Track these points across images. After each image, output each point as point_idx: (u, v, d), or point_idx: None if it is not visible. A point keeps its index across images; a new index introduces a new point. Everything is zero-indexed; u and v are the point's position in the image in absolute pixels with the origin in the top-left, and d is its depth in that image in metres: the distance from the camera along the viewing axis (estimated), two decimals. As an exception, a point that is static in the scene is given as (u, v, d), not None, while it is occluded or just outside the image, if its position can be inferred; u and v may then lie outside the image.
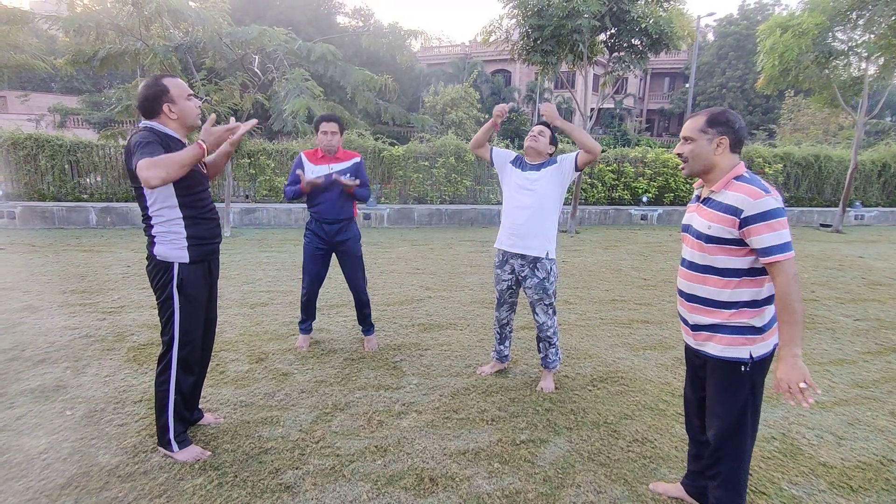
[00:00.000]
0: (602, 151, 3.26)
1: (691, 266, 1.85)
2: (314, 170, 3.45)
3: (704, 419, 1.93)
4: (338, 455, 2.40)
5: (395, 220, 10.54)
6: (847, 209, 11.98)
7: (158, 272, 2.25)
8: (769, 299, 1.74)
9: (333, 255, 3.61)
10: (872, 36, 9.96)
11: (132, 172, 2.06)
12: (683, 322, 1.94)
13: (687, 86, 28.41)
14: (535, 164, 3.07)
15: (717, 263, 1.76)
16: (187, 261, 2.26)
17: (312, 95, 8.01)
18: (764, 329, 1.75)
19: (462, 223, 10.85)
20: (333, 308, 4.64)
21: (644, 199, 12.05)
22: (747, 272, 1.73)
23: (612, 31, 9.36)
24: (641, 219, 11.81)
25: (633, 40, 9.33)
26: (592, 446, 2.54)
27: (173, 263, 2.24)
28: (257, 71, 8.60)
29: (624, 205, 12.14)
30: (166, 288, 2.24)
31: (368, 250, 6.49)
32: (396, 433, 2.61)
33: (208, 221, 2.34)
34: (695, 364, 1.96)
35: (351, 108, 12.56)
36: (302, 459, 2.35)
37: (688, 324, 1.90)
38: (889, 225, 13.24)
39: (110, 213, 9.13)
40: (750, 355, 1.74)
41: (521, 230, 3.01)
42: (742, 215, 1.66)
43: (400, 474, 2.28)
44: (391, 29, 9.70)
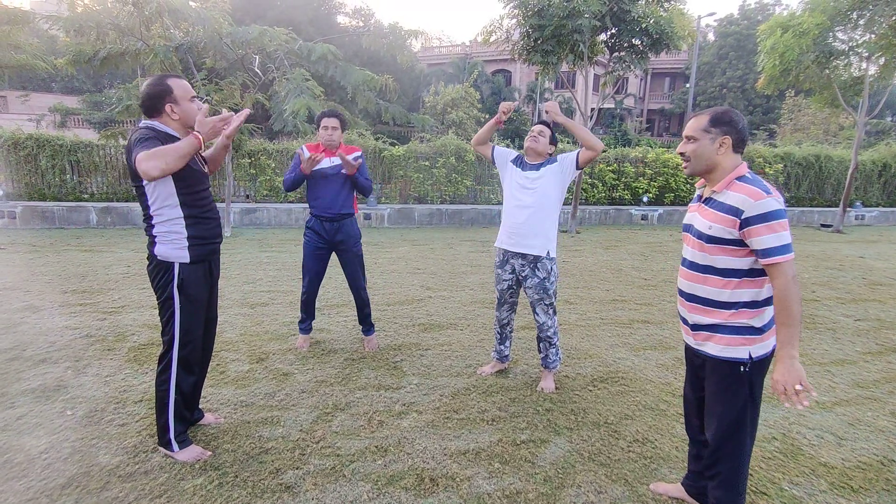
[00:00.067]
0: (603, 151, 3.26)
1: (692, 266, 1.85)
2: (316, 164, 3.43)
3: (704, 419, 1.93)
4: (338, 455, 2.40)
5: (396, 220, 10.54)
6: (847, 209, 11.98)
7: (159, 272, 2.25)
8: (769, 300, 1.74)
9: (333, 254, 3.61)
10: (873, 36, 9.96)
11: (133, 170, 2.06)
12: (683, 322, 1.94)
13: (687, 86, 28.40)
14: (535, 163, 3.07)
15: (718, 264, 1.76)
16: (188, 261, 2.26)
17: (313, 95, 8.02)
18: (763, 329, 1.75)
19: (462, 223, 10.85)
20: (334, 308, 4.64)
21: (644, 199, 12.05)
22: (748, 273, 1.73)
23: (613, 30, 9.36)
24: (642, 219, 11.82)
25: (633, 40, 9.33)
26: (593, 446, 2.54)
27: (174, 263, 2.24)
28: (258, 71, 8.60)
29: (624, 205, 12.14)
30: (167, 288, 2.25)
31: (369, 250, 6.49)
32: (397, 433, 2.61)
33: (209, 221, 2.34)
34: (695, 364, 1.96)
35: (351, 108, 12.56)
36: (302, 459, 2.36)
37: (687, 323, 1.90)
38: (889, 225, 13.23)
39: (111, 213, 9.14)
40: (749, 355, 1.74)
41: (522, 229, 3.01)
42: (743, 216, 1.66)
43: (400, 474, 2.28)
44: (392, 29, 9.71)
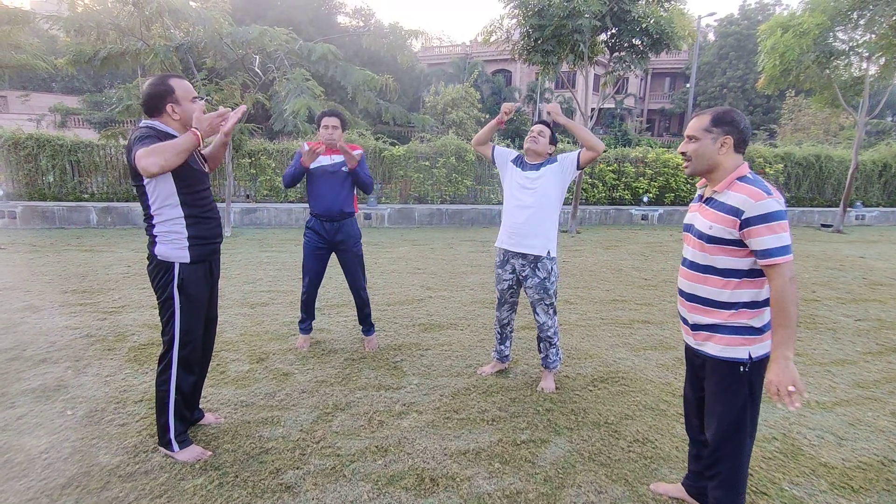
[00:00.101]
0: (604, 151, 3.26)
1: (692, 266, 1.85)
2: (316, 161, 3.43)
3: (704, 419, 1.93)
4: (338, 455, 2.40)
5: (396, 220, 10.54)
6: (848, 209, 11.98)
7: (159, 272, 2.25)
8: (769, 300, 1.74)
9: (333, 254, 3.61)
10: (873, 36, 9.96)
11: (133, 168, 2.05)
12: (683, 321, 1.94)
13: (688, 86, 28.38)
14: (535, 163, 3.07)
15: (718, 264, 1.76)
16: (188, 261, 2.26)
17: (313, 95, 8.02)
18: (763, 330, 1.75)
19: (463, 223, 10.85)
20: (334, 308, 4.64)
21: (645, 199, 12.05)
22: (748, 273, 1.73)
23: (613, 31, 9.36)
24: (642, 219, 11.81)
25: (633, 40, 9.33)
26: (593, 446, 2.54)
27: (174, 263, 2.24)
28: (258, 71, 8.61)
29: (625, 205, 12.14)
30: (167, 288, 2.25)
31: (369, 250, 6.49)
32: (397, 433, 2.61)
33: (209, 221, 2.34)
34: (694, 364, 1.96)
35: (352, 107, 12.57)
36: (302, 459, 2.35)
37: (687, 323, 1.90)
38: (890, 225, 13.23)
39: (111, 213, 9.14)
40: (749, 356, 1.74)
41: (522, 229, 3.01)
42: (743, 216, 1.66)
43: (400, 474, 2.28)
44: (392, 29, 9.72)
